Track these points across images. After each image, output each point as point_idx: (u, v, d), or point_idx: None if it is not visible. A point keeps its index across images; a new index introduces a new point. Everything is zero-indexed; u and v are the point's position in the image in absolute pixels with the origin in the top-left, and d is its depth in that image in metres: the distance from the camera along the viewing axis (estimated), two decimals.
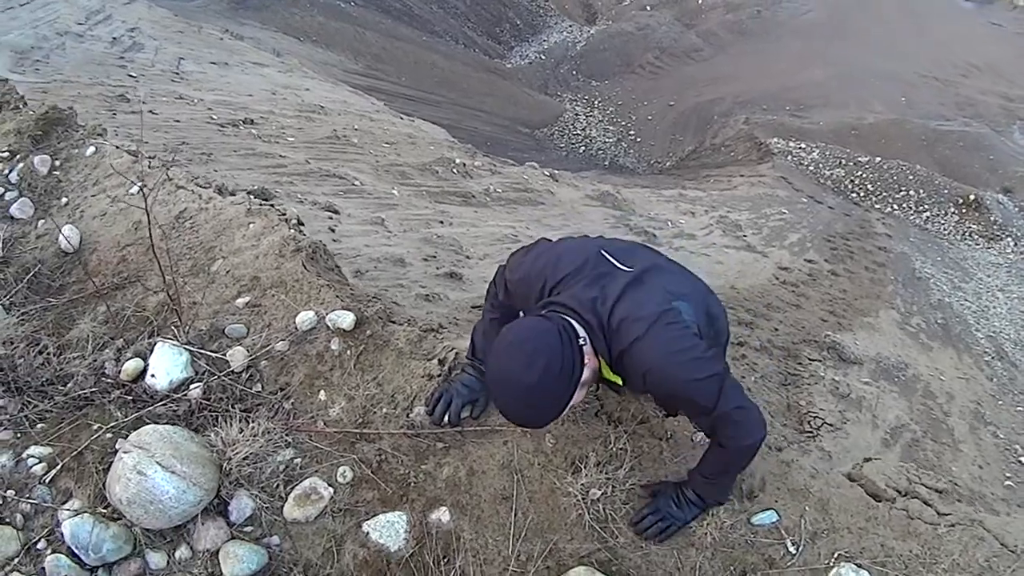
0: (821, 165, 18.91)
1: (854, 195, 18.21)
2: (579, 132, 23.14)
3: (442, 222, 8.99)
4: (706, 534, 3.17)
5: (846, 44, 24.32)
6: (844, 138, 19.95)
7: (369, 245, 7.03)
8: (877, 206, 17.85)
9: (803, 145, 19.56)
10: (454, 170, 11.69)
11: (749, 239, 13.53)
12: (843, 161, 18.97)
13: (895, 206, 17.88)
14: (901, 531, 3.17)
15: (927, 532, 3.15)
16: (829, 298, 11.80)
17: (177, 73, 12.37)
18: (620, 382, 3.01)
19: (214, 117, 9.97)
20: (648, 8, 27.05)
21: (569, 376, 2.72)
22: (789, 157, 19.12)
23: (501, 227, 9.66)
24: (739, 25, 26.13)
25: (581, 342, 2.80)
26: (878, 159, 18.86)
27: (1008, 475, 8.56)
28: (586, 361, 2.80)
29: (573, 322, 2.85)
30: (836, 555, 3.08)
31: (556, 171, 14.47)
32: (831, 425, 6.97)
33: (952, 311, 13.60)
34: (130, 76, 11.12)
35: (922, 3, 26.42)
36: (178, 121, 9.42)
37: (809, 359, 8.61)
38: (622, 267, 3.08)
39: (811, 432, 6.57)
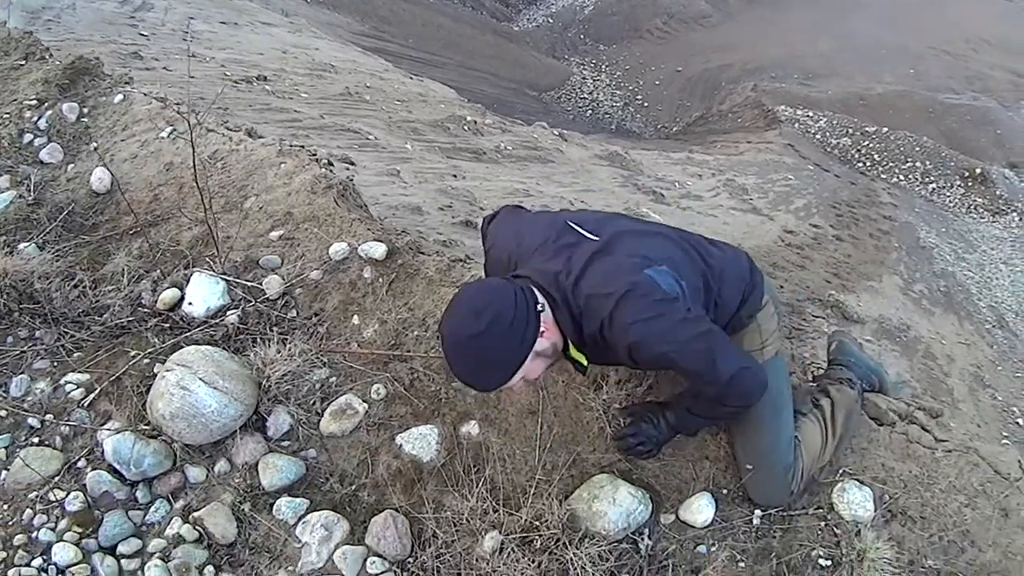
0: (828, 134, 18.89)
1: (860, 164, 18.18)
2: (586, 96, 23.09)
3: (455, 176, 9.12)
4: (719, 447, 3.34)
5: (856, 15, 24.17)
6: (852, 108, 19.88)
7: (386, 194, 7.18)
8: (883, 176, 17.85)
9: (810, 113, 19.49)
10: (465, 127, 11.81)
11: (755, 203, 13.63)
12: (850, 130, 18.94)
13: (901, 177, 17.88)
14: (901, 453, 3.33)
15: (925, 455, 3.31)
16: (834, 261, 11.93)
17: (187, 32, 12.43)
18: (584, 361, 2.93)
19: (227, 74, 10.05)
20: None
21: (521, 334, 2.63)
22: (796, 125, 19.10)
23: (513, 182, 9.79)
24: None
25: (539, 308, 2.69)
26: (885, 130, 18.80)
27: (1005, 435, 8.75)
28: (543, 328, 2.69)
29: (534, 289, 2.74)
30: (840, 471, 3.27)
31: (565, 131, 14.58)
32: None
33: (955, 280, 13.69)
34: (141, 35, 11.16)
35: None
36: (193, 77, 9.52)
37: (813, 316, 8.79)
38: (589, 236, 2.86)
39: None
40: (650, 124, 22.09)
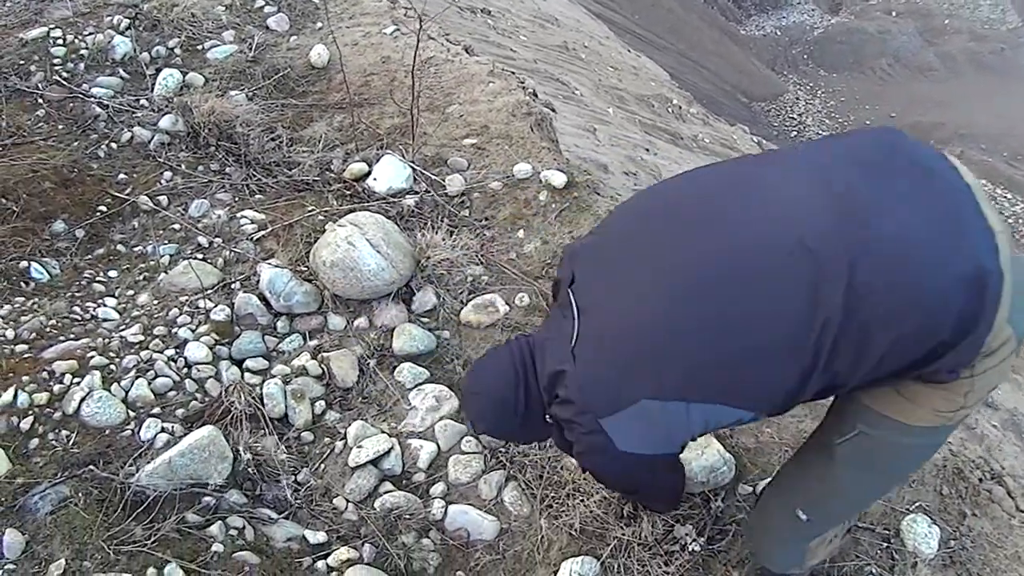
0: (1021, 221, 18.25)
1: None
2: (795, 116, 22.70)
3: (647, 149, 9.23)
4: None
5: None
6: None
7: (579, 146, 7.38)
8: None
9: (1008, 195, 18.85)
10: (668, 109, 11.92)
11: None
12: None
13: None
14: (981, 508, 3.35)
15: (1002, 518, 3.32)
16: None
17: None
18: None
19: (455, 1, 10.38)
20: (894, 14, 26.11)
21: (528, 420, 2.29)
22: (992, 203, 18.43)
23: None
24: (979, 57, 24.86)
25: (547, 419, 2.25)
26: None
27: None
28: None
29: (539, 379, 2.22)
30: (917, 504, 3.29)
31: (764, 140, 14.49)
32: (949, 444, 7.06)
33: None
34: None
35: None
36: None
37: None
38: (574, 313, 2.02)
39: None
40: None
